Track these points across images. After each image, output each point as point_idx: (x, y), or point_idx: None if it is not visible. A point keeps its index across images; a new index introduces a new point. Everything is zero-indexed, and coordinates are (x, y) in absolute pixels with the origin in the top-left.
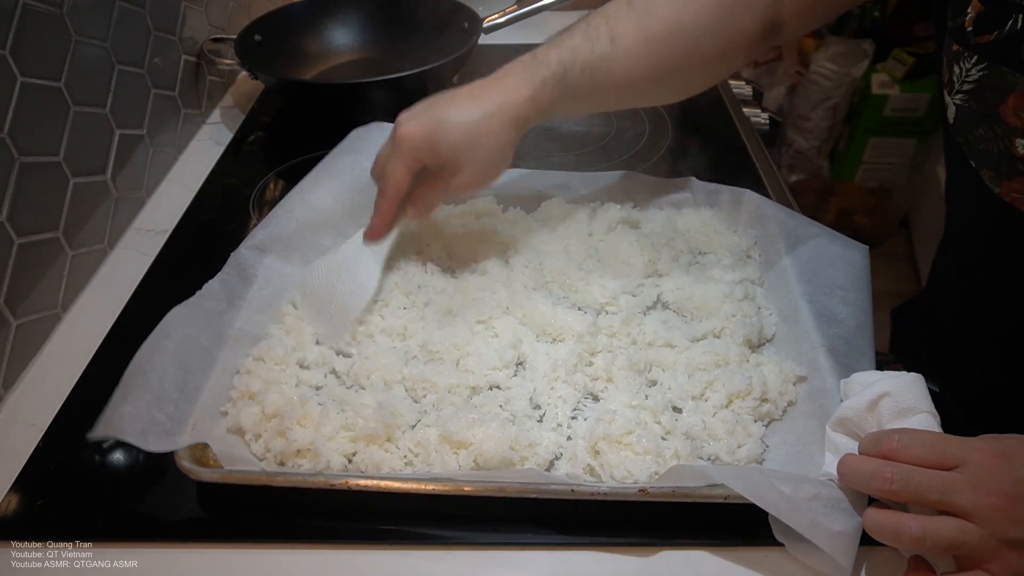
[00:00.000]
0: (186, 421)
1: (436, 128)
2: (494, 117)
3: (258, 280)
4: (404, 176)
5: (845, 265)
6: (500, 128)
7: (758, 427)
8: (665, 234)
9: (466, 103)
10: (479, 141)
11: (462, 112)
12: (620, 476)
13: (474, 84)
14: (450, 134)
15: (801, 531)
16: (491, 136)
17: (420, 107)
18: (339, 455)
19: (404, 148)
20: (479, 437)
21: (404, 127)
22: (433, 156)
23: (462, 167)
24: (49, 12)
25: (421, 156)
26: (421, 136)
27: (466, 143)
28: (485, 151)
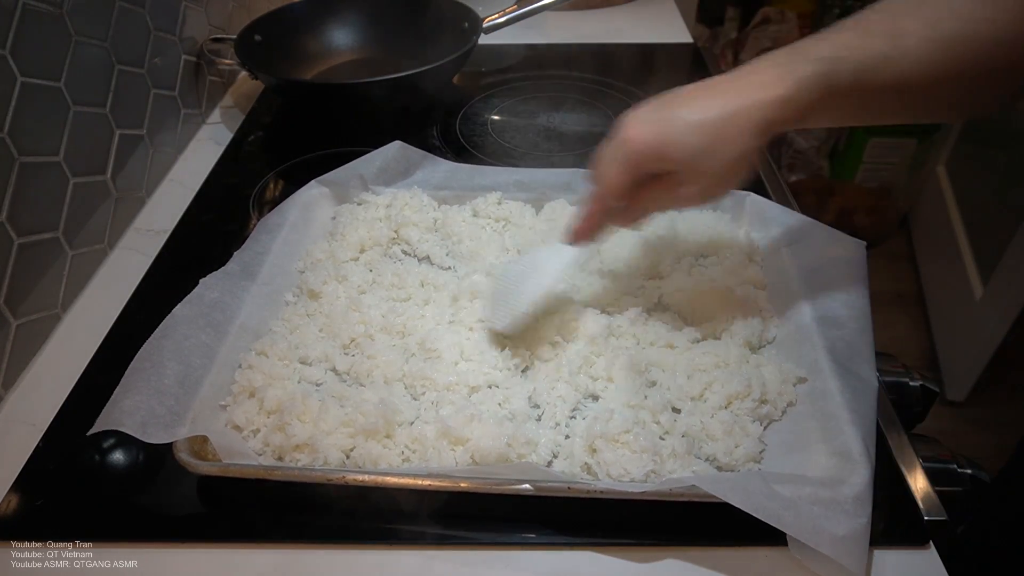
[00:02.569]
0: (186, 414)
1: (667, 130)
2: (739, 118)
3: (261, 275)
4: (622, 182)
5: (847, 267)
6: (745, 132)
7: (756, 427)
8: (667, 236)
9: (706, 100)
10: (718, 147)
11: (700, 111)
12: (617, 474)
13: (717, 78)
14: (684, 137)
15: (805, 539)
16: (733, 141)
17: (651, 105)
18: (337, 450)
19: (627, 151)
20: (476, 434)
21: (631, 128)
22: (661, 163)
23: (693, 176)
24: (49, 12)
25: (646, 162)
26: (649, 140)
27: (702, 149)
28: (724, 159)
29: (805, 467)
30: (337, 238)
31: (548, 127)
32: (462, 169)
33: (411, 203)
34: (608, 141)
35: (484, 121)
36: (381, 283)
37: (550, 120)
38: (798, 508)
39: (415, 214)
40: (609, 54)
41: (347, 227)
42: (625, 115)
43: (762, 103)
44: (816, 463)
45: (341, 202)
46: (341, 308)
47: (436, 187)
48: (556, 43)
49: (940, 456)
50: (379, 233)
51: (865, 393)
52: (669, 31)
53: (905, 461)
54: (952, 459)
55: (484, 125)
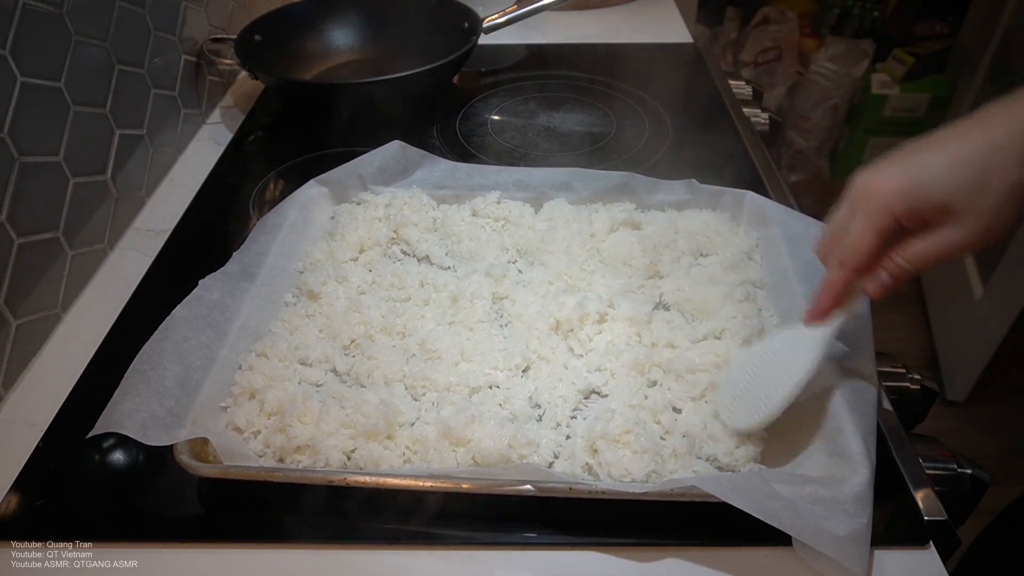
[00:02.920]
0: (186, 416)
1: (921, 173)
2: (1004, 149)
3: (261, 276)
4: (871, 241)
5: None
6: (1014, 162)
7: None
8: (667, 235)
9: (959, 138)
10: (986, 182)
11: (956, 148)
12: (618, 475)
13: (960, 121)
14: (943, 176)
15: (805, 540)
16: (1004, 171)
17: (887, 159)
18: (338, 452)
19: (873, 204)
20: (477, 434)
21: (872, 179)
22: (919, 207)
23: (962, 218)
24: (49, 12)
25: (898, 211)
26: (898, 186)
27: (970, 185)
28: (995, 195)
29: (805, 467)
30: (336, 238)
31: (548, 127)
32: (461, 168)
33: (410, 203)
34: (842, 202)
35: (484, 121)
36: (381, 283)
37: (550, 120)
38: (798, 508)
39: (414, 214)
40: (609, 54)
41: (346, 227)
42: (858, 174)
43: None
44: (816, 463)
45: (340, 202)
46: (341, 309)
47: (435, 186)
48: (556, 43)
49: (940, 456)
50: (378, 233)
51: (865, 392)
52: (669, 31)
53: (905, 461)
54: (952, 459)
55: (484, 125)
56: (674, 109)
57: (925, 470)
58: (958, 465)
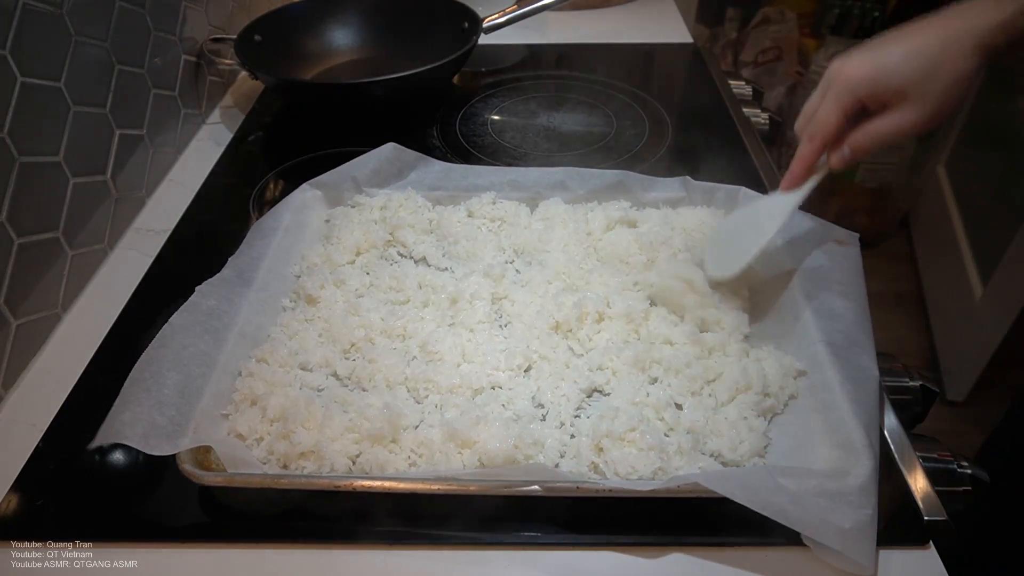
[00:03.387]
0: (187, 424)
1: (884, 60)
2: (958, 42)
3: (257, 281)
4: (836, 117)
5: (841, 258)
6: (964, 55)
7: (760, 422)
8: (662, 233)
9: (919, 32)
10: (939, 70)
11: (917, 40)
12: (624, 473)
13: (926, 17)
14: (902, 65)
15: (811, 534)
16: (953, 64)
17: (858, 48)
18: (343, 456)
19: (841, 87)
20: (483, 436)
21: (841, 65)
22: (878, 91)
23: (914, 102)
24: (49, 12)
25: (861, 92)
26: (864, 71)
27: (922, 73)
28: (945, 83)
29: (809, 460)
30: (332, 241)
31: (548, 127)
32: (455, 169)
33: (406, 204)
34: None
35: (484, 121)
36: (379, 286)
37: (550, 120)
38: (804, 503)
39: (410, 215)
40: (609, 54)
41: (342, 230)
42: (833, 60)
43: (980, 29)
44: (820, 455)
45: (334, 205)
46: (340, 312)
47: (430, 188)
48: (556, 43)
49: (940, 456)
50: (374, 235)
51: (866, 383)
52: (669, 31)
53: (905, 461)
54: (952, 459)
55: (484, 125)
56: (674, 109)
57: (925, 470)
58: (958, 465)
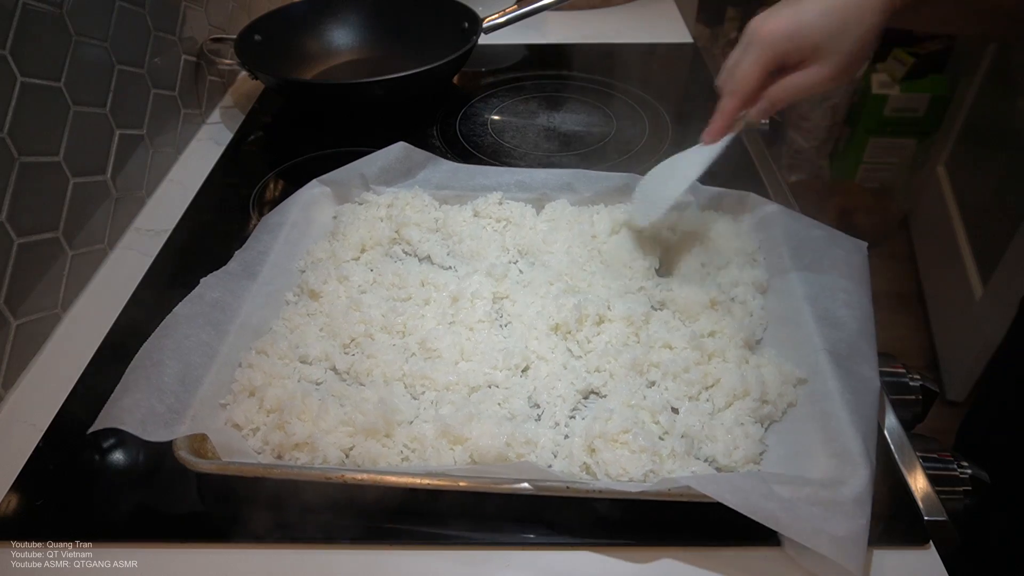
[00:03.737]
0: (185, 412)
1: (800, 17)
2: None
3: (262, 274)
4: (756, 73)
5: (847, 267)
6: (870, 11)
7: (757, 428)
8: (668, 237)
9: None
10: (849, 26)
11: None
12: (615, 474)
13: None
14: (817, 21)
15: (803, 541)
16: (860, 20)
17: (777, 6)
18: (336, 449)
19: (761, 42)
20: (475, 433)
21: (761, 23)
22: (795, 47)
23: (826, 57)
24: (49, 12)
25: (780, 49)
26: (782, 27)
27: (834, 28)
28: (854, 37)
29: (805, 468)
30: (338, 238)
31: (548, 127)
32: (463, 169)
33: (412, 203)
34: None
35: (484, 121)
36: (382, 283)
37: (550, 120)
38: (796, 509)
39: (416, 214)
40: (609, 54)
41: (348, 227)
42: (754, 18)
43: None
44: (816, 464)
45: (342, 202)
46: (341, 307)
47: (437, 187)
48: (556, 43)
49: (940, 456)
50: (380, 233)
51: (866, 394)
52: (669, 31)
53: (905, 461)
54: (952, 459)
55: (484, 125)
56: (674, 109)
57: (925, 470)
58: (958, 465)
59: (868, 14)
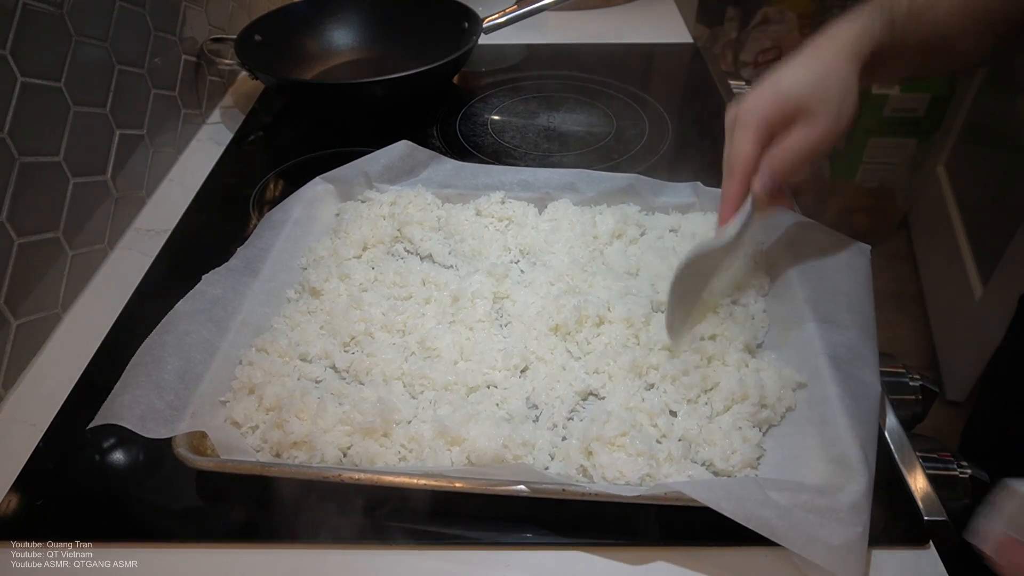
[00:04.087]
0: (185, 409)
1: (779, 84)
2: (835, 56)
3: (264, 271)
4: (751, 148)
5: (849, 270)
6: (844, 64)
7: (755, 433)
8: (669, 240)
9: (801, 57)
10: (827, 81)
11: (800, 63)
12: (612, 477)
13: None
14: (796, 82)
15: (797, 550)
16: (837, 74)
17: (756, 84)
18: (335, 448)
19: (747, 116)
20: (473, 434)
21: (745, 101)
22: (779, 111)
23: (816, 113)
24: (49, 12)
25: (767, 115)
26: (763, 97)
27: (813, 85)
28: (835, 91)
29: (802, 473)
30: (340, 235)
31: (548, 127)
32: (466, 168)
33: (415, 201)
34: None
35: (484, 121)
36: (383, 281)
37: (550, 120)
38: (792, 517)
39: (419, 212)
40: (609, 54)
41: (350, 224)
42: (729, 107)
43: (846, 41)
44: (813, 469)
45: (345, 199)
46: (342, 306)
47: (440, 185)
48: (556, 43)
49: (940, 456)
50: (382, 231)
51: (866, 398)
52: (669, 31)
53: (905, 461)
54: (952, 459)
55: (484, 125)
56: (674, 109)
57: (925, 470)
58: (958, 465)
59: (843, 64)
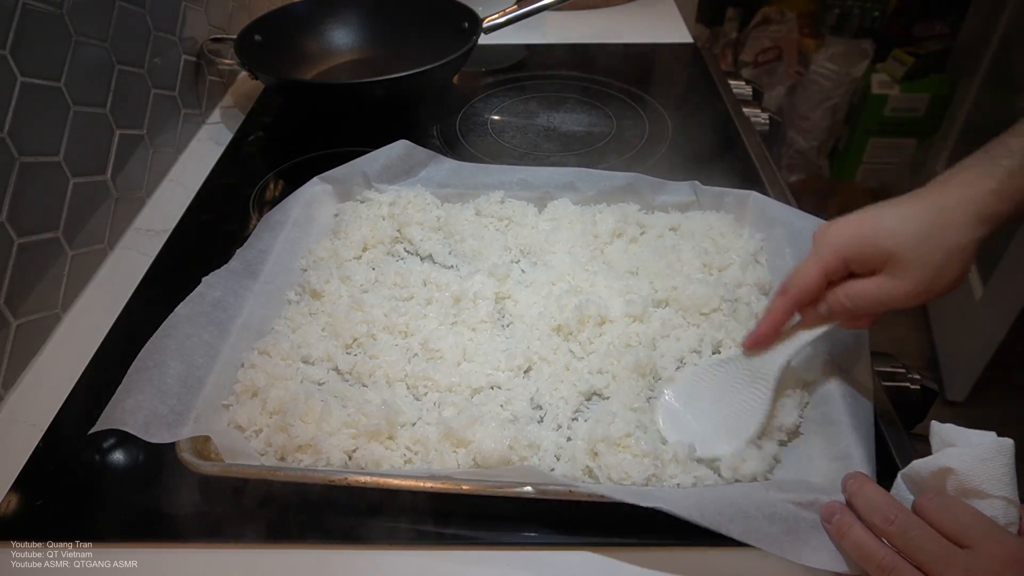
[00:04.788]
0: (188, 414)
1: (876, 222)
2: (954, 210)
3: (264, 273)
4: (816, 278)
5: None
6: (961, 223)
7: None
8: (670, 237)
9: (914, 199)
10: (934, 236)
11: (908, 207)
12: (618, 478)
13: (922, 187)
14: (897, 227)
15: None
16: (950, 231)
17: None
18: (339, 451)
19: (825, 245)
20: (479, 436)
21: (831, 226)
22: (866, 252)
23: (907, 268)
24: (49, 12)
25: (849, 255)
26: (853, 231)
27: (915, 239)
28: (940, 251)
29: (806, 472)
30: (340, 236)
31: (548, 127)
32: (465, 167)
33: (414, 201)
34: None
35: (484, 121)
36: (384, 282)
37: (550, 120)
38: (798, 529)
39: (418, 212)
40: (609, 54)
41: (350, 225)
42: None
43: (974, 196)
44: (817, 468)
45: (344, 200)
46: (344, 307)
47: (439, 185)
48: (556, 43)
49: None
50: (382, 231)
51: (864, 396)
52: (669, 31)
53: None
54: None
55: (484, 125)
56: (674, 109)
57: None
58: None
59: (961, 226)
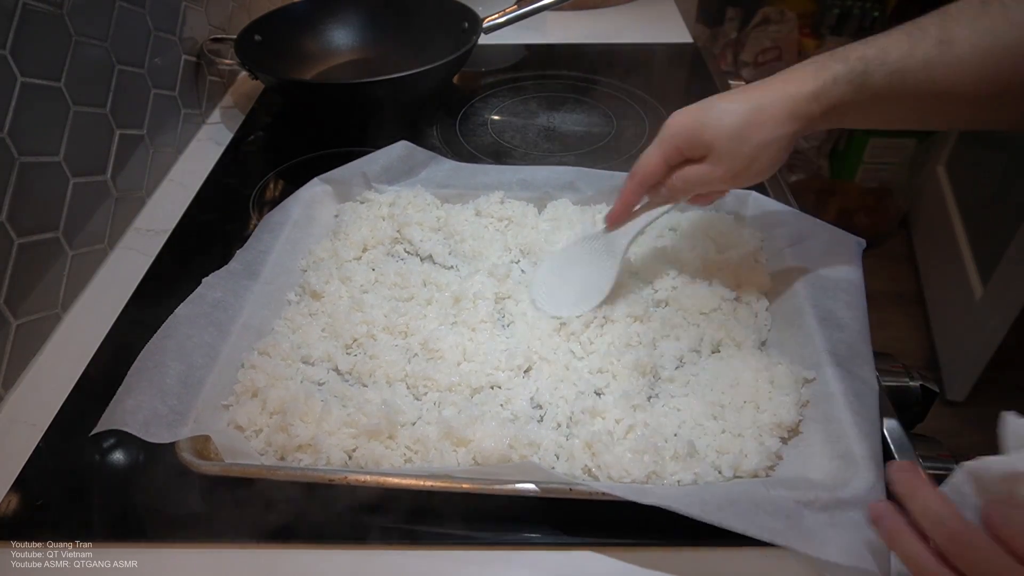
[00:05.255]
0: (188, 414)
1: (704, 115)
2: (768, 109)
3: (264, 274)
4: (657, 163)
5: (848, 268)
6: (772, 121)
7: (774, 441)
8: (672, 238)
9: (744, 93)
10: (746, 132)
11: (737, 101)
12: (617, 476)
13: (761, 80)
14: (717, 121)
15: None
16: (762, 127)
17: (698, 102)
18: (339, 451)
19: (665, 135)
20: (479, 435)
21: (673, 116)
22: (693, 144)
23: (720, 158)
24: (49, 12)
25: (681, 143)
26: (685, 123)
27: (731, 132)
28: (751, 145)
29: (808, 470)
30: (340, 237)
31: (548, 127)
32: (465, 168)
33: (414, 202)
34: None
35: (484, 121)
36: (384, 282)
37: (550, 120)
38: (802, 523)
39: (418, 213)
40: (609, 54)
41: (350, 226)
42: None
43: (792, 95)
44: (819, 466)
45: (344, 200)
46: (344, 308)
47: (439, 185)
48: (556, 43)
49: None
50: (382, 232)
51: (868, 396)
52: (669, 31)
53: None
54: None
55: (484, 125)
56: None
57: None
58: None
59: (773, 124)
